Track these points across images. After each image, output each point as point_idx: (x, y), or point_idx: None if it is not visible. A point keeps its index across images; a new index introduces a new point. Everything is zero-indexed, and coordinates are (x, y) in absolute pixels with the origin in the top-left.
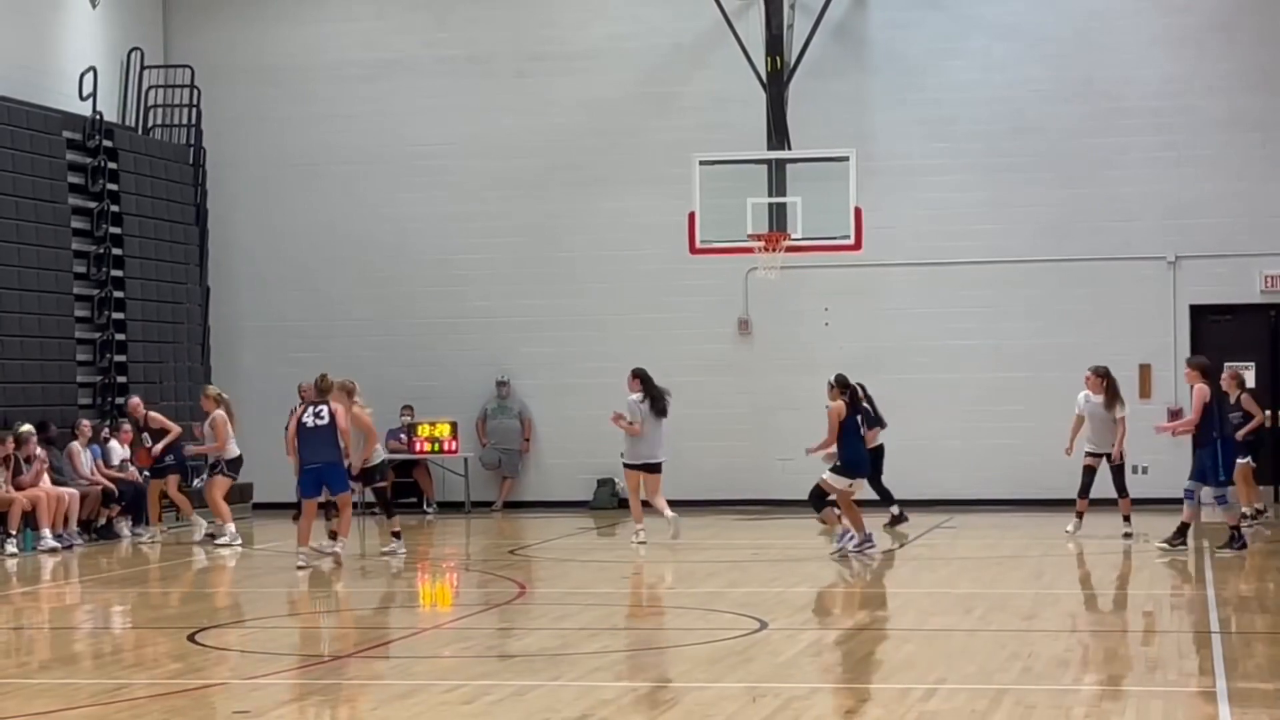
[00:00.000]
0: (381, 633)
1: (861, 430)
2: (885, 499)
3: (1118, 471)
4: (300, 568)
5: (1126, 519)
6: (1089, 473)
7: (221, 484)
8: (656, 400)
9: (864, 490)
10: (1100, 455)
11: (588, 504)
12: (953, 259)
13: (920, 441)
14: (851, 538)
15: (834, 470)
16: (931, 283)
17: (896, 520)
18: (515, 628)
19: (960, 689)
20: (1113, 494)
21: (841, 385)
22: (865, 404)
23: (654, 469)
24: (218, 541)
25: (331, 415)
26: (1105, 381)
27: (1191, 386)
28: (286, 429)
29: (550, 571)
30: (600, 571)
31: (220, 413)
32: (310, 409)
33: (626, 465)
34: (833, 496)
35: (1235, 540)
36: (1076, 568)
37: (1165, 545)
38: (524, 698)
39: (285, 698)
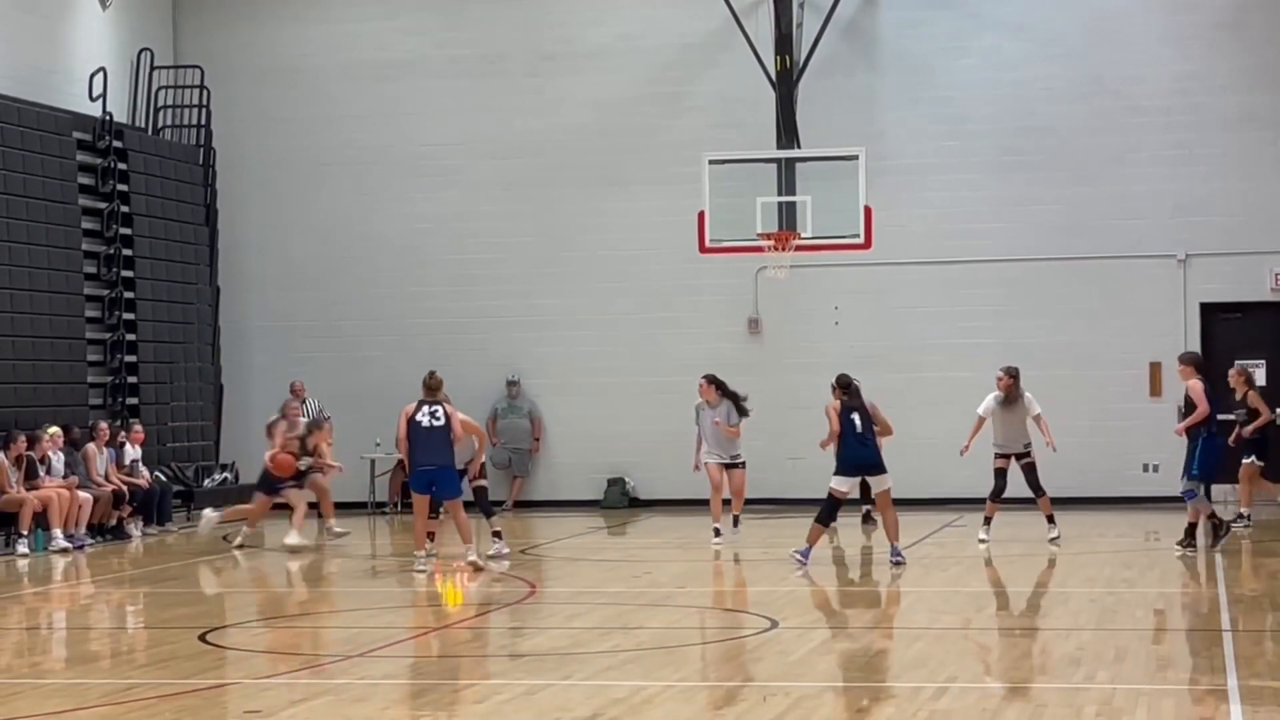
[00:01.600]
0: (393, 632)
1: (859, 428)
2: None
3: (1030, 470)
4: (419, 571)
5: (1050, 520)
6: (1001, 475)
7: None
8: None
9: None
10: (1009, 456)
11: (598, 503)
12: (963, 257)
13: (930, 440)
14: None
15: (835, 473)
16: (941, 281)
17: (869, 519)
18: (526, 627)
19: (971, 687)
20: (1111, 494)
21: (840, 385)
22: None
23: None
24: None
25: (447, 417)
26: (1016, 382)
27: (1186, 383)
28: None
29: (561, 570)
30: (611, 570)
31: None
32: (425, 408)
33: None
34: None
35: (1221, 531)
36: (1087, 566)
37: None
38: (535, 697)
39: (296, 697)
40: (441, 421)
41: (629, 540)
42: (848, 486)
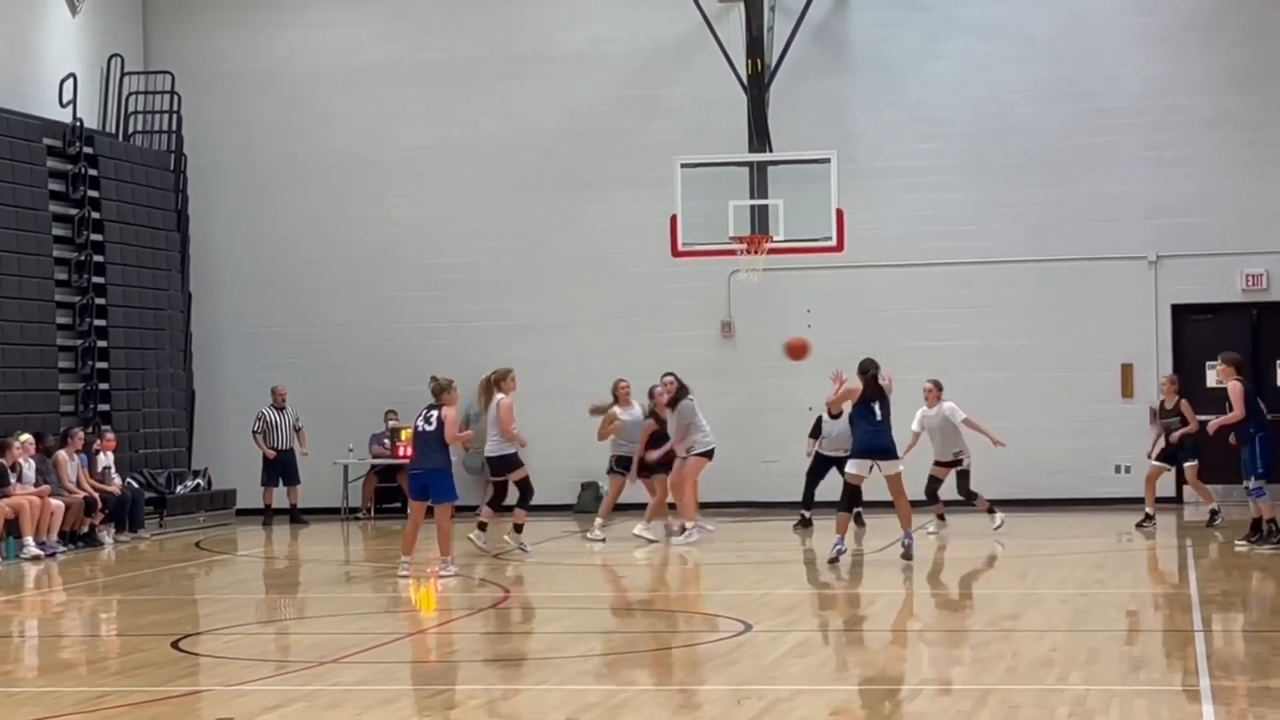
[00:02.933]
0: (366, 638)
1: (877, 417)
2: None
3: (962, 477)
4: (402, 576)
5: (990, 511)
6: (935, 482)
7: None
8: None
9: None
10: (948, 464)
11: (572, 507)
12: (936, 260)
13: (903, 443)
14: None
15: (849, 458)
16: (915, 284)
17: (804, 523)
18: (500, 632)
19: (945, 689)
20: (1083, 495)
21: (861, 370)
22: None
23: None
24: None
25: (440, 422)
26: (938, 392)
27: (1224, 383)
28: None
29: (535, 575)
30: (585, 575)
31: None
32: (423, 413)
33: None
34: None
35: (1270, 535)
36: (1060, 568)
37: (1244, 542)
38: (509, 702)
39: (269, 704)
40: (433, 425)
41: (602, 544)
42: (862, 470)
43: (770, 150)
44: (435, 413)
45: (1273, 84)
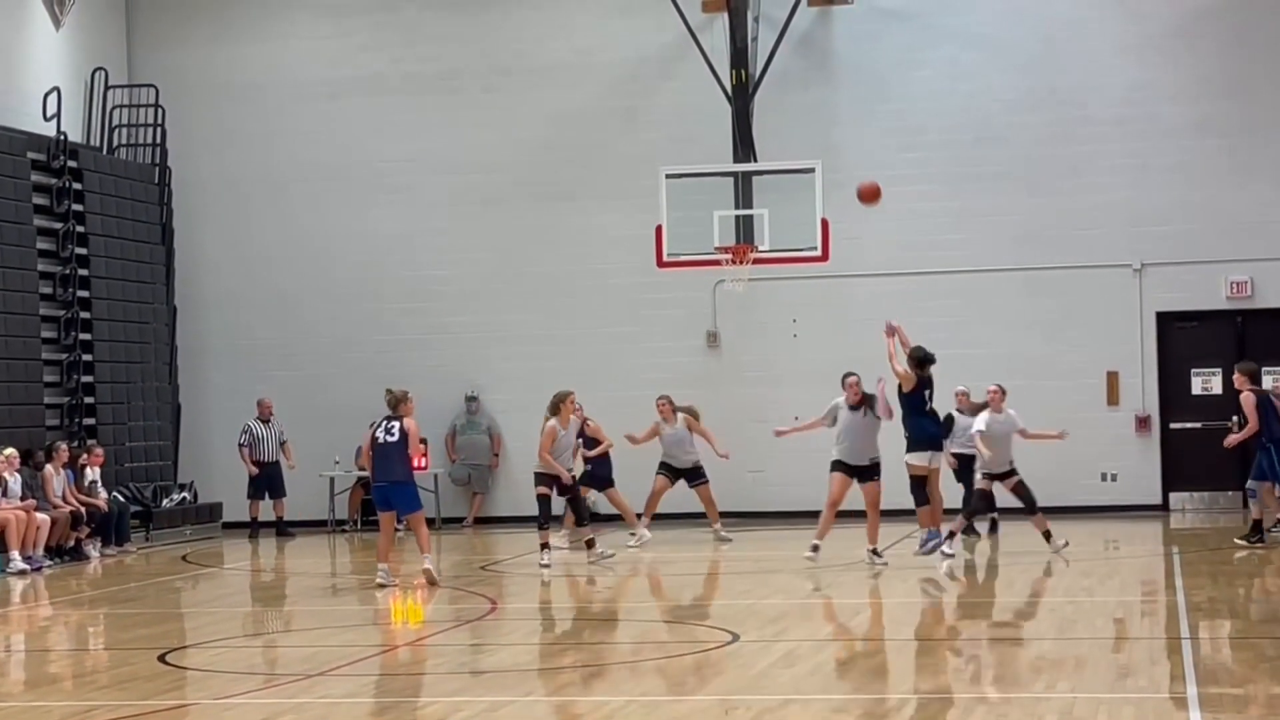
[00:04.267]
0: (353, 650)
1: (928, 404)
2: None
3: (1023, 486)
4: (380, 585)
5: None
6: (988, 496)
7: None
8: None
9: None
10: (1001, 476)
11: (559, 519)
12: (920, 269)
13: (891, 450)
14: (933, 538)
15: (907, 450)
16: (899, 293)
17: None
18: (487, 643)
19: (933, 698)
20: (1069, 503)
21: (918, 359)
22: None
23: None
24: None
25: (403, 432)
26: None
27: (1240, 393)
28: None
29: (522, 587)
30: (572, 586)
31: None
32: (383, 424)
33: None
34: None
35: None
36: (1047, 576)
37: (1242, 541)
38: (496, 714)
39: (257, 717)
40: (395, 437)
41: (589, 555)
42: (926, 461)
43: (755, 160)
44: (396, 424)
45: (1255, 91)
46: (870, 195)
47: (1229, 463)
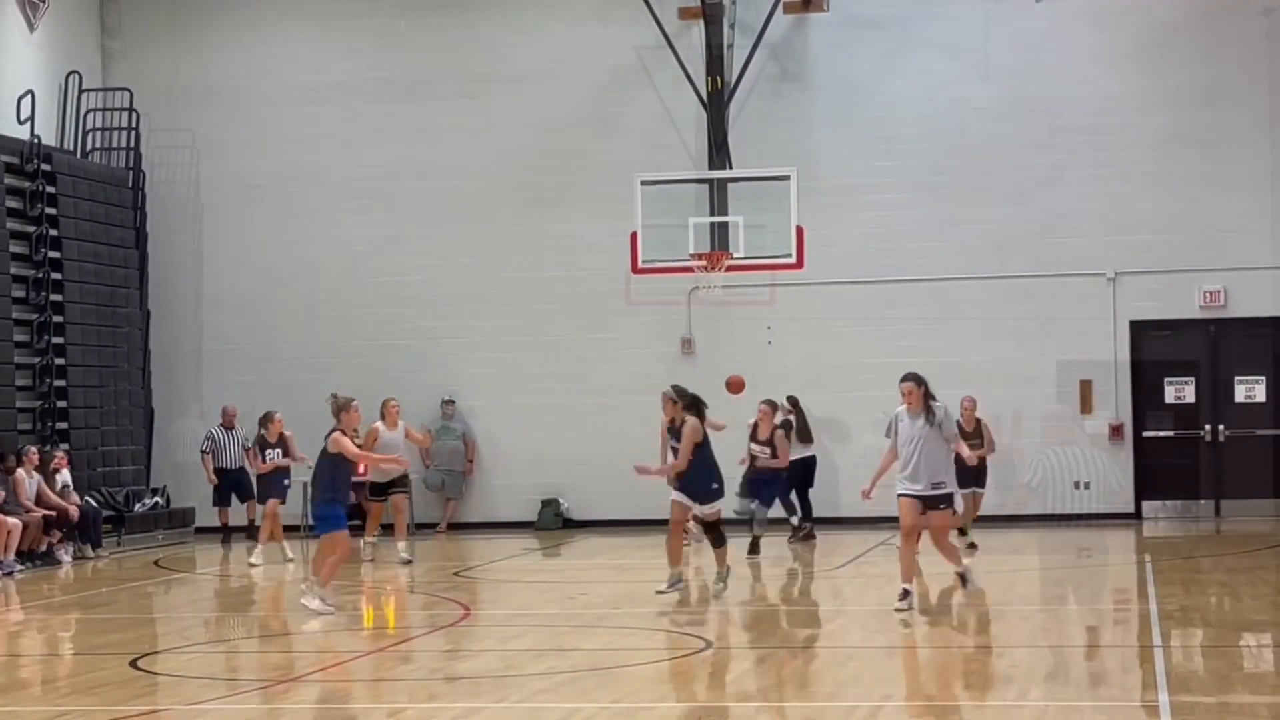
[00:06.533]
0: (326, 656)
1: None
2: (801, 512)
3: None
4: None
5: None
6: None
7: None
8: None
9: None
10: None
11: (532, 525)
12: (895, 277)
13: (865, 459)
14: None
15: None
16: (874, 301)
17: (798, 532)
18: (460, 650)
19: (906, 705)
20: (1042, 511)
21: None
22: (793, 417)
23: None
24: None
25: (324, 447)
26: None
27: None
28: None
29: (495, 593)
30: (545, 592)
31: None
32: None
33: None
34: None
35: None
36: (1020, 584)
37: None
38: None
39: None
40: (321, 451)
41: (563, 562)
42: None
43: (730, 167)
44: (329, 438)
45: (1229, 102)
46: (736, 387)
47: (1202, 471)
